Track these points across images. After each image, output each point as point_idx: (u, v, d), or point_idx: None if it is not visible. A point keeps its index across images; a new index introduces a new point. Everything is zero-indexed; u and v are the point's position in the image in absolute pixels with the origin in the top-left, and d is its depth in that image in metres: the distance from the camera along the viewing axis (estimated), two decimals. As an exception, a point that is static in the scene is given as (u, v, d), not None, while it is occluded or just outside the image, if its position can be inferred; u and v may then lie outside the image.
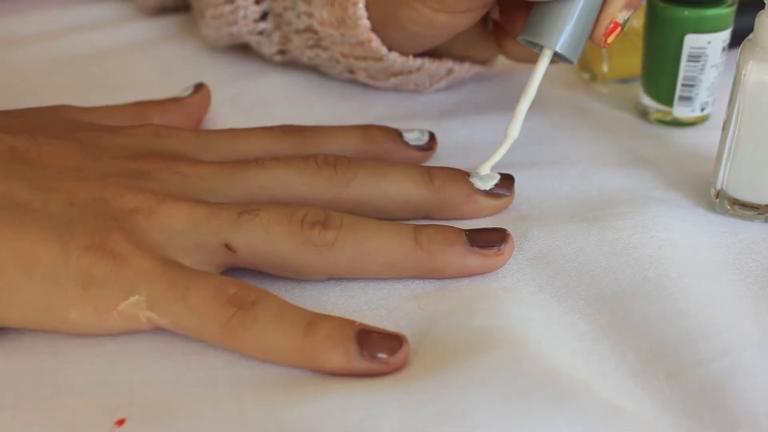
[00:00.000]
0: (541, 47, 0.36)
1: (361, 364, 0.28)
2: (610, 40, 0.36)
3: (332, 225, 0.31)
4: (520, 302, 0.31)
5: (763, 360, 0.28)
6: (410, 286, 0.32)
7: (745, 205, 0.36)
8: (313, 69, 0.49)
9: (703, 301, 0.30)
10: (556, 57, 0.36)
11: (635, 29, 0.47)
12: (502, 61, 0.49)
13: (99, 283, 0.29)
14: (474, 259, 0.32)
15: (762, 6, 0.34)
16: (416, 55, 0.44)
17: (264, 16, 0.47)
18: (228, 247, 0.31)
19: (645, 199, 0.37)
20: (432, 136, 0.40)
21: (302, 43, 0.46)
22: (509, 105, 0.46)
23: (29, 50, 0.53)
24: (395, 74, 0.45)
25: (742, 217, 0.36)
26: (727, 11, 0.41)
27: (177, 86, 0.46)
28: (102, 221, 0.30)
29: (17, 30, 0.55)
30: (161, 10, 0.57)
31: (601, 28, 0.35)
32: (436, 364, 0.28)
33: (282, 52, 0.49)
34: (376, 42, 0.42)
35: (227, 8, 0.47)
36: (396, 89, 0.47)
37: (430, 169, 0.36)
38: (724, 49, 0.41)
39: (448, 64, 0.45)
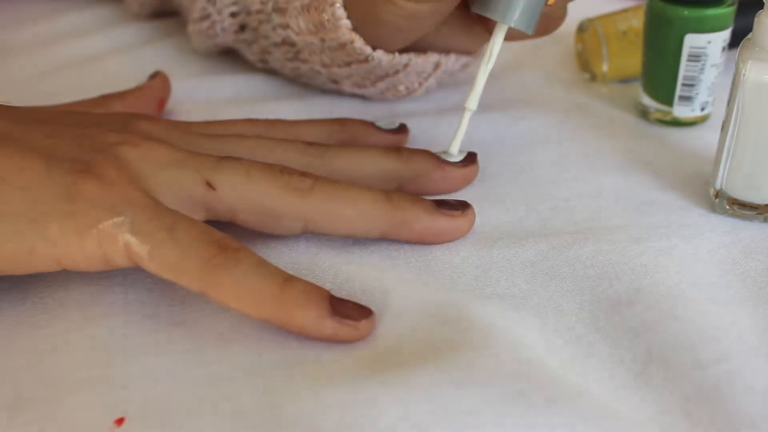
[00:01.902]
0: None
1: (332, 324, 0.29)
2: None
3: (310, 175, 0.33)
4: (516, 305, 0.31)
5: (761, 364, 0.28)
6: (404, 278, 0.32)
7: (744, 205, 0.36)
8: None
9: (701, 305, 0.30)
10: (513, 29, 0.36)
11: (635, 29, 0.47)
12: (501, 60, 0.49)
13: (84, 199, 0.29)
14: (441, 218, 0.34)
15: (762, 6, 0.34)
16: (401, 51, 0.42)
17: (243, 28, 0.47)
18: (209, 185, 0.32)
19: (644, 199, 0.37)
20: (403, 125, 0.41)
21: (282, 56, 0.45)
22: (509, 104, 0.46)
23: (24, 54, 0.52)
24: (382, 77, 0.44)
25: (742, 217, 0.36)
26: (727, 11, 0.40)
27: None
28: (86, 151, 0.30)
29: (13, 33, 0.55)
30: (156, 16, 0.57)
31: None
32: (434, 359, 0.28)
33: (263, 61, 0.48)
34: (359, 42, 0.40)
35: (204, 24, 0.47)
36: (384, 96, 0.46)
37: (399, 147, 0.38)
38: (724, 49, 0.41)
39: (434, 57, 0.43)
